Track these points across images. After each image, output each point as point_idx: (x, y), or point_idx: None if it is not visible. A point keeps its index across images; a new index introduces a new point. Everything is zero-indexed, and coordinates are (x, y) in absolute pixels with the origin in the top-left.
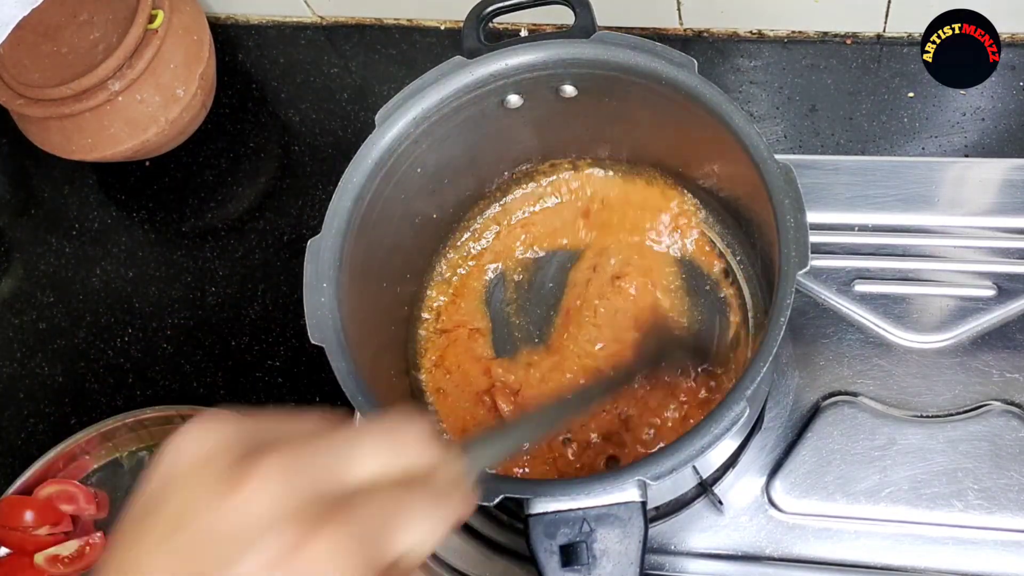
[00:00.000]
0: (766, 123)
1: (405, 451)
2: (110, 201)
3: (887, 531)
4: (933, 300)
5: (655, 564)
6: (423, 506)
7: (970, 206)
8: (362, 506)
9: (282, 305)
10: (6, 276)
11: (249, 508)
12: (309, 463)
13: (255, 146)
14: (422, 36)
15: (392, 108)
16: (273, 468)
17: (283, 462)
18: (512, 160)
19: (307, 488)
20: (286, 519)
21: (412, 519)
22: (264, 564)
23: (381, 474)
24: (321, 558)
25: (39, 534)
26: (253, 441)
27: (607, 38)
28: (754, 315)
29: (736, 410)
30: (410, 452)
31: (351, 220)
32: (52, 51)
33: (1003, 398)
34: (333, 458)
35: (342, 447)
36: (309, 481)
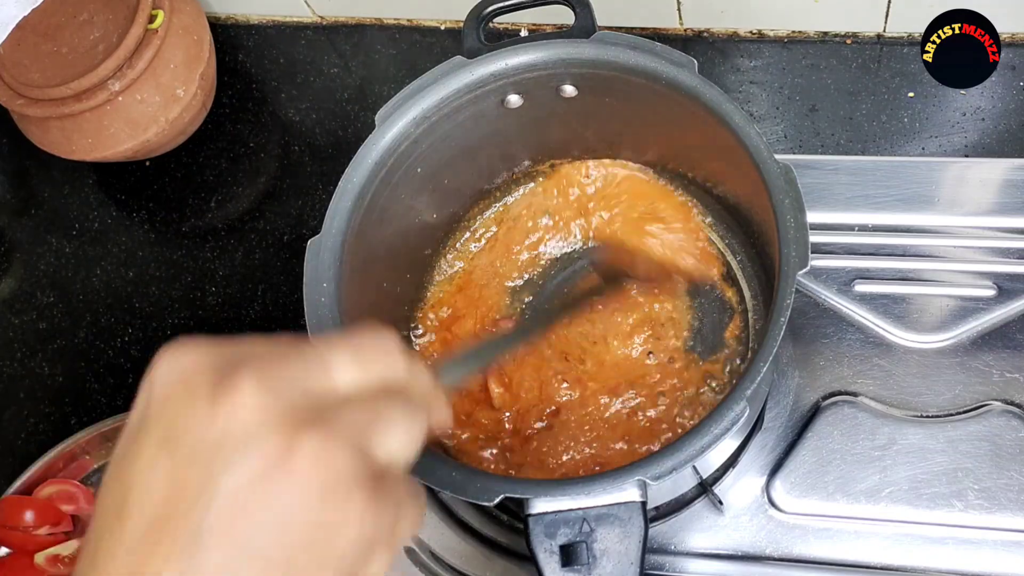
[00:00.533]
0: (766, 123)
1: (377, 362)
2: (110, 201)
3: (887, 531)
4: (933, 300)
5: (655, 564)
6: (400, 413)
7: (970, 206)
8: (343, 412)
9: (282, 305)
10: (6, 276)
11: (236, 418)
12: (287, 374)
13: (255, 146)
14: (422, 36)
15: (392, 108)
16: (254, 379)
17: (263, 374)
18: (512, 160)
19: (288, 396)
20: (273, 425)
21: (392, 425)
22: (257, 469)
23: (356, 384)
24: (310, 460)
25: (39, 534)
26: (230, 360)
27: (607, 38)
28: (754, 315)
29: (736, 410)
30: (381, 363)
31: (351, 220)
32: (52, 51)
33: (1003, 398)
34: (310, 369)
35: (317, 359)
36: (289, 390)
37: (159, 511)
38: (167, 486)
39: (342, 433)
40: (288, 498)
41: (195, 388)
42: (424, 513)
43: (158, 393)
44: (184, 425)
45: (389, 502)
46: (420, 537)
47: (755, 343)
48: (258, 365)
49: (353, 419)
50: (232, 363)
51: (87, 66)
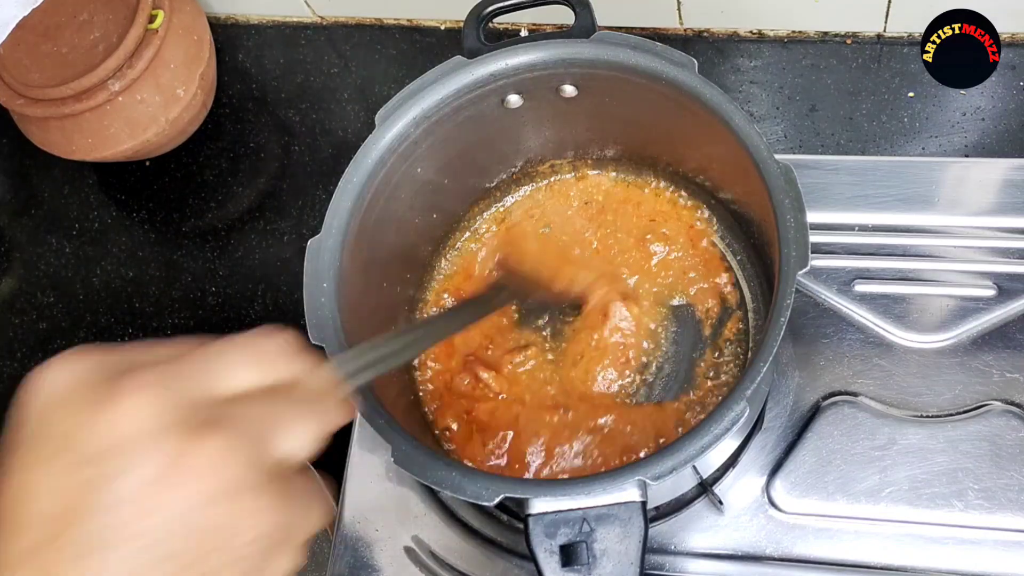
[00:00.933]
0: (766, 123)
1: (272, 363)
2: (110, 201)
3: (887, 531)
4: (933, 300)
5: (655, 564)
6: (295, 413)
7: (970, 206)
8: (237, 414)
9: (282, 305)
10: (6, 276)
11: (126, 423)
12: (179, 377)
13: (255, 146)
14: (422, 36)
15: (392, 108)
16: (145, 383)
17: (154, 378)
18: (512, 160)
19: (181, 400)
20: (165, 430)
21: (288, 424)
22: (151, 472)
23: (251, 386)
24: (204, 464)
25: None
26: (120, 366)
27: (607, 38)
28: (754, 315)
29: (736, 410)
30: (277, 364)
31: (351, 220)
32: (52, 51)
33: (1003, 398)
34: (203, 372)
35: (210, 362)
36: (181, 394)
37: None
38: (59, 497)
39: (236, 435)
40: (185, 500)
41: (84, 395)
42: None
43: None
44: (73, 435)
45: (288, 501)
46: (420, 537)
47: (755, 343)
48: (154, 368)
49: (248, 420)
50: (122, 369)
51: (87, 66)
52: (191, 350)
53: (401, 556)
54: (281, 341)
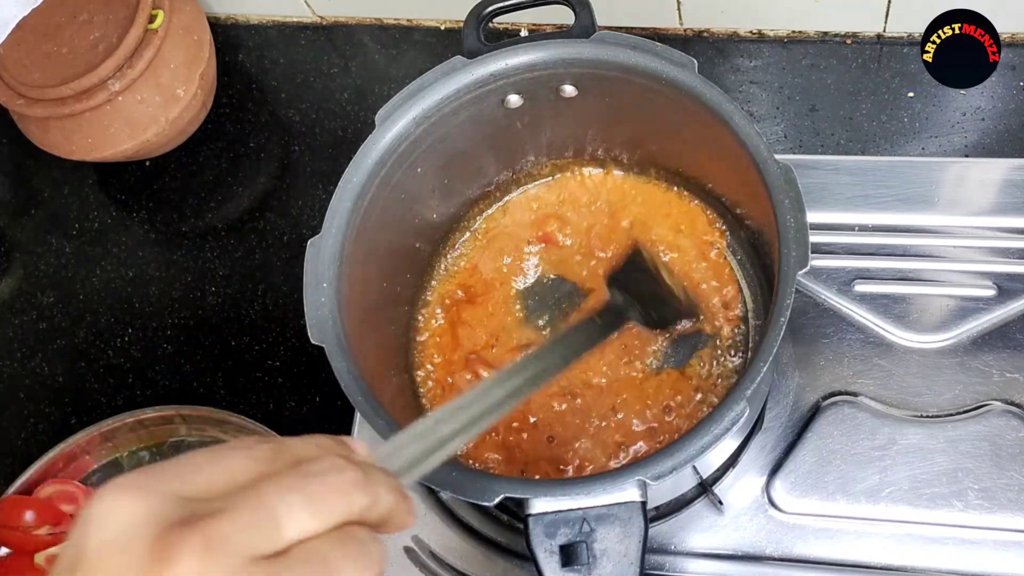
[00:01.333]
0: (766, 123)
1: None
2: (110, 201)
3: (887, 531)
4: (933, 300)
5: (655, 564)
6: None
7: (970, 206)
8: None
9: (282, 305)
10: (6, 276)
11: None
12: (232, 536)
13: (255, 146)
14: (422, 36)
15: (392, 108)
16: (196, 548)
17: (205, 539)
18: (512, 160)
19: (231, 564)
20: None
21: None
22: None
23: (313, 530)
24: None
25: (39, 534)
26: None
27: (607, 38)
28: (754, 315)
29: (736, 410)
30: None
31: (351, 220)
32: (52, 51)
33: (1003, 398)
34: (258, 526)
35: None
36: (233, 555)
37: None
38: None
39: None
40: None
41: (132, 551)
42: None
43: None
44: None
45: None
46: (420, 537)
47: (755, 343)
48: (201, 524)
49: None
50: (174, 514)
51: (87, 66)
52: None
53: (401, 556)
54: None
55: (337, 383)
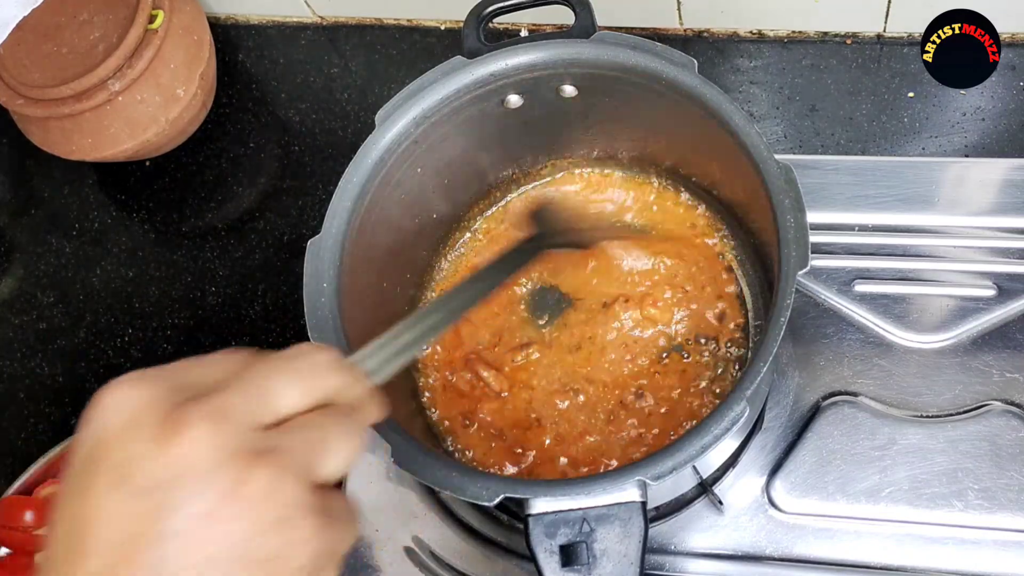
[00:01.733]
0: (766, 123)
1: (315, 379)
2: (110, 201)
3: (887, 531)
4: (933, 300)
5: (655, 564)
6: (340, 430)
7: (970, 206)
8: (287, 439)
9: (282, 305)
10: (6, 276)
11: (187, 455)
12: (232, 407)
13: (255, 146)
14: (422, 36)
15: (392, 108)
16: (201, 416)
17: (210, 410)
18: (512, 160)
19: (235, 430)
20: (224, 461)
21: (333, 444)
22: (210, 504)
23: (299, 407)
24: (263, 489)
25: (39, 534)
26: (175, 395)
27: (607, 38)
28: (754, 315)
29: (736, 410)
30: (319, 379)
31: (351, 220)
32: (52, 51)
33: (1003, 398)
34: (253, 399)
35: (259, 387)
36: (236, 423)
37: (117, 549)
38: (123, 524)
39: (289, 462)
40: (242, 531)
41: (144, 425)
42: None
43: (107, 430)
44: (136, 463)
45: (331, 521)
46: (420, 537)
47: (755, 343)
48: (209, 400)
49: (298, 446)
50: (177, 398)
51: (87, 66)
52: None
53: (401, 556)
54: (320, 357)
55: None
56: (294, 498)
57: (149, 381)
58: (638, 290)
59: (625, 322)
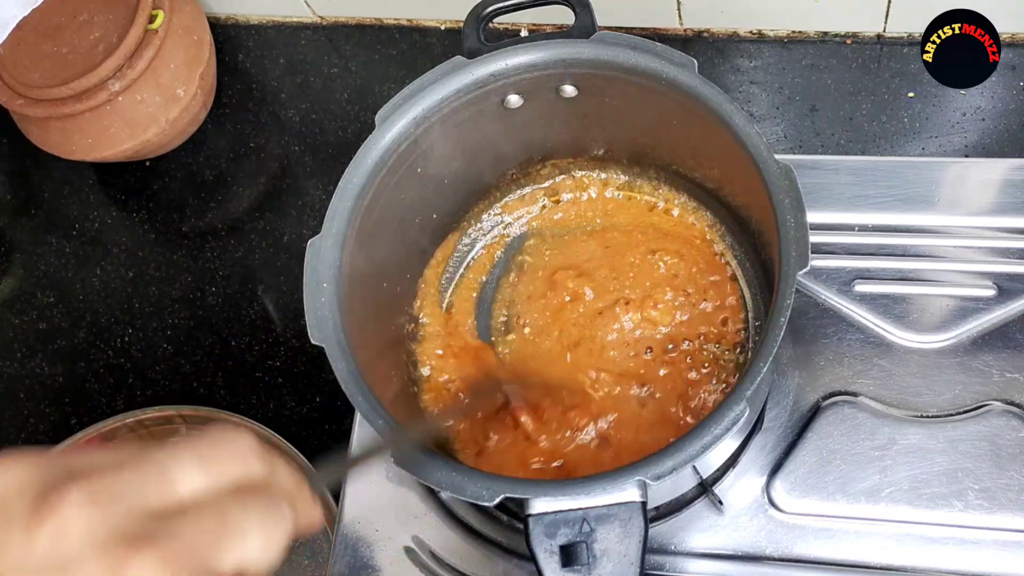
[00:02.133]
0: (766, 123)
1: (228, 461)
2: (110, 201)
3: (887, 531)
4: (933, 300)
5: (655, 564)
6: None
7: (970, 206)
8: (182, 525)
9: (282, 305)
10: (6, 276)
11: (60, 539)
12: (119, 487)
13: (255, 146)
14: (422, 36)
15: (392, 108)
16: (81, 496)
17: (91, 488)
18: (512, 160)
19: (120, 511)
20: (101, 546)
21: (242, 530)
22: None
23: (206, 489)
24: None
25: None
26: (56, 475)
27: (607, 38)
28: (754, 315)
29: (736, 410)
30: (235, 462)
31: (351, 220)
32: (52, 51)
33: (1003, 398)
34: (146, 478)
35: (155, 466)
36: (121, 504)
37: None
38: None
39: (178, 551)
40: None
41: (13, 508)
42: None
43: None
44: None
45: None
46: (420, 537)
47: (755, 343)
48: (86, 480)
49: (193, 532)
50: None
51: (87, 66)
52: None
53: (401, 556)
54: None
55: (337, 383)
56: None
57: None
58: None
59: (626, 324)
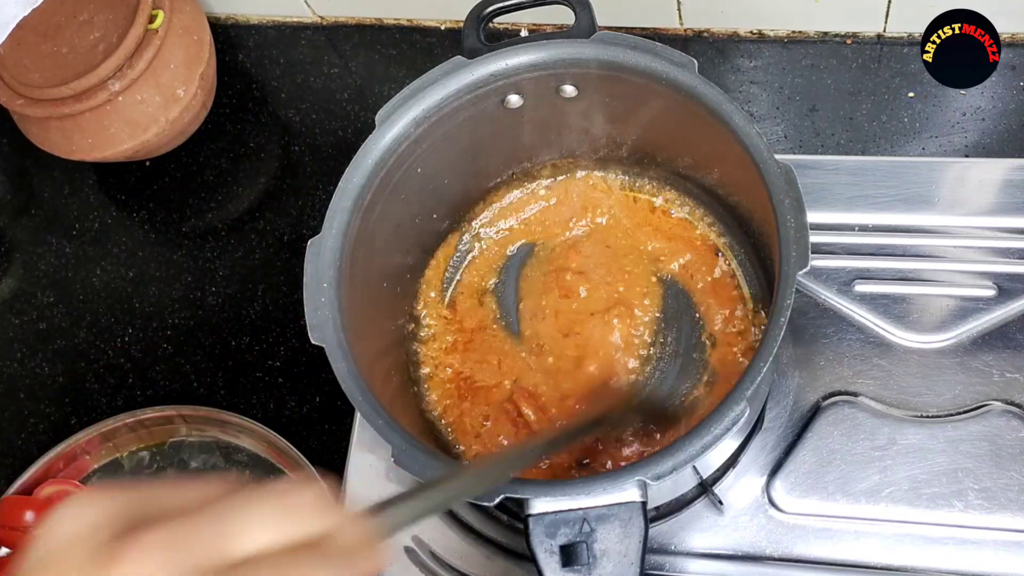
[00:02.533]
0: (766, 123)
1: (296, 517)
2: (110, 201)
3: (887, 531)
4: (933, 300)
5: (655, 564)
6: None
7: (970, 206)
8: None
9: (282, 305)
10: (6, 276)
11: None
12: (189, 538)
13: (255, 146)
14: (422, 36)
15: (392, 108)
16: (151, 544)
17: (161, 538)
18: (512, 160)
19: (187, 564)
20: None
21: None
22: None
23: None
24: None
25: None
26: (133, 516)
27: (607, 38)
28: (754, 315)
29: (736, 410)
30: (302, 518)
31: (351, 220)
32: (52, 51)
33: (1003, 398)
34: (216, 531)
35: (226, 519)
36: (189, 557)
37: None
38: None
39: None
40: None
41: (88, 547)
42: None
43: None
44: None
45: None
46: (420, 537)
47: (755, 343)
48: (164, 526)
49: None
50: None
51: (87, 66)
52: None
53: (401, 556)
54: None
55: (337, 383)
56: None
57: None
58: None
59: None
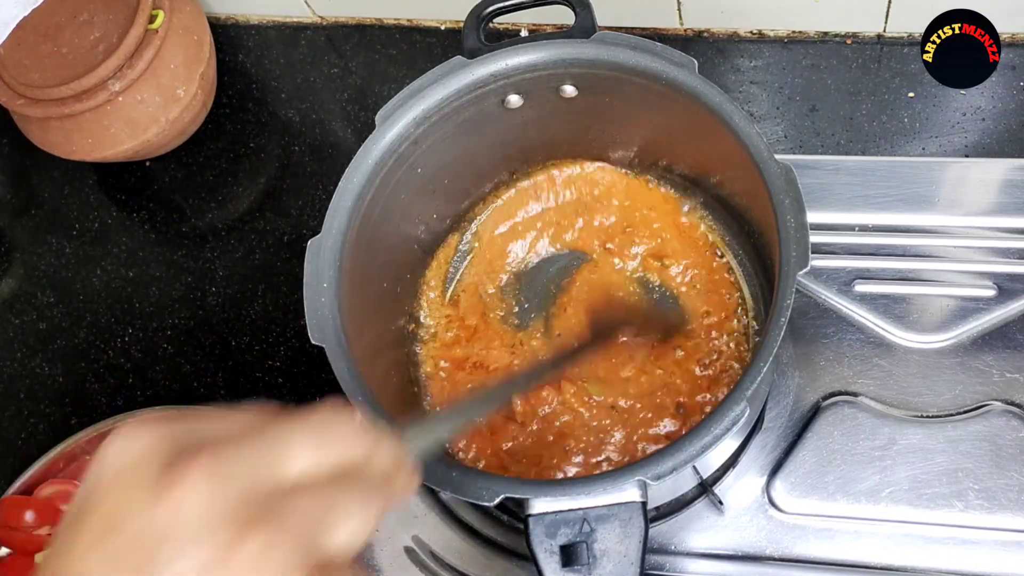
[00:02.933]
0: (766, 123)
1: (336, 444)
2: (110, 201)
3: (887, 531)
4: (933, 300)
5: (655, 564)
6: (356, 499)
7: (970, 206)
8: (294, 504)
9: (282, 305)
10: (6, 276)
11: (180, 511)
12: (238, 464)
13: (255, 146)
14: (422, 36)
15: (392, 108)
16: (203, 471)
17: (212, 464)
18: (512, 160)
19: (237, 489)
20: (218, 521)
21: (345, 513)
22: (197, 565)
23: (313, 470)
24: (254, 558)
25: (40, 534)
26: (183, 444)
27: (607, 38)
28: (754, 315)
29: (736, 410)
30: (341, 445)
31: (351, 220)
32: (52, 51)
33: (1003, 398)
34: (262, 457)
35: (271, 445)
36: (239, 482)
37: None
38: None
39: (289, 530)
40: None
41: (142, 475)
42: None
43: (105, 476)
44: (126, 514)
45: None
46: (420, 537)
47: (755, 343)
48: (210, 453)
49: (303, 512)
50: (184, 449)
51: (87, 66)
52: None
53: (401, 556)
54: (348, 421)
55: (337, 383)
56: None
57: (157, 426)
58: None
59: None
